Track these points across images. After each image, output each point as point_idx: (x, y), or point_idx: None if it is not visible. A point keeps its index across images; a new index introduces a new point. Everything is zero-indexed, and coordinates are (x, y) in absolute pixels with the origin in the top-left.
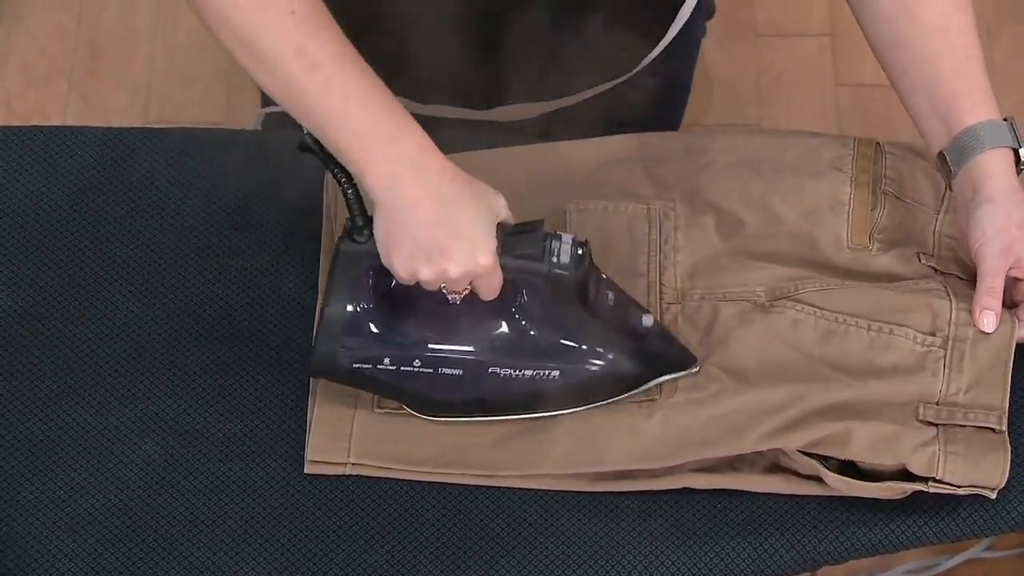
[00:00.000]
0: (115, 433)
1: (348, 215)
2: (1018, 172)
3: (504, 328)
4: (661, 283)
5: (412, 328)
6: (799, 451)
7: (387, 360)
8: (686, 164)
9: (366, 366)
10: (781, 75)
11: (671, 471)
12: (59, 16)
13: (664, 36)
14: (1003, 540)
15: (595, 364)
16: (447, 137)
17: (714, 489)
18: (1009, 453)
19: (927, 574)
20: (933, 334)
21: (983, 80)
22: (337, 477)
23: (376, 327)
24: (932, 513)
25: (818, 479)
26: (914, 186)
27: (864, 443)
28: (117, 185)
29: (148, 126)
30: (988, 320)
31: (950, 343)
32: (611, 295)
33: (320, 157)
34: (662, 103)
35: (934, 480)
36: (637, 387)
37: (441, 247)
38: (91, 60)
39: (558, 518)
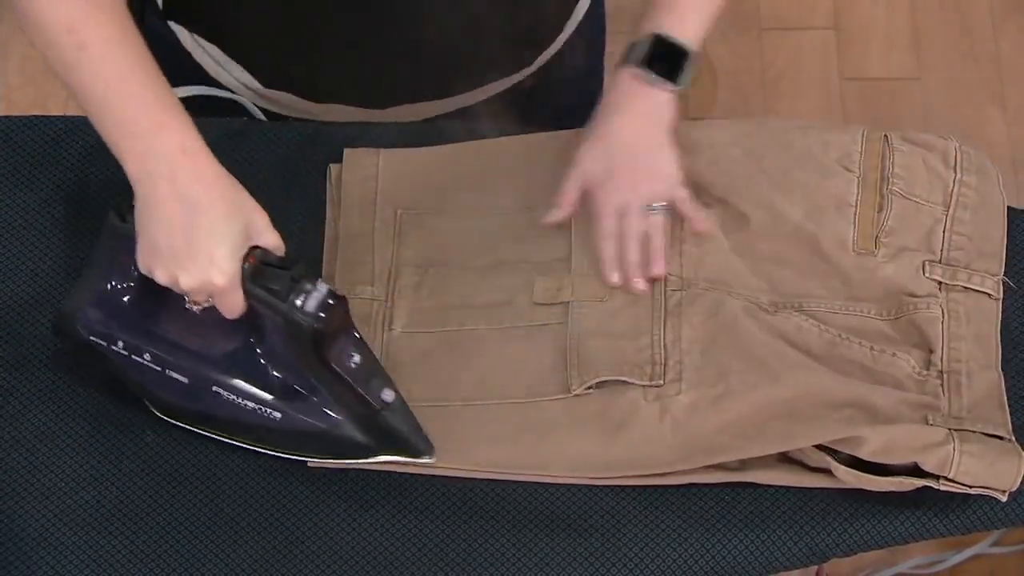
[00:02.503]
0: (116, 424)
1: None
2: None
3: (236, 351)
4: (667, 271)
5: (153, 321)
6: None
7: (120, 343)
8: (692, 157)
9: (100, 342)
10: (786, 69)
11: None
12: None
13: (563, 28)
14: (1010, 536)
15: (319, 421)
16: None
17: (722, 481)
18: (1023, 458)
19: (933, 569)
20: (927, 368)
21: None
22: (340, 470)
23: (119, 309)
24: (942, 506)
25: (827, 471)
26: (922, 183)
27: (877, 446)
28: (118, 175)
29: None
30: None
31: (944, 376)
32: (357, 357)
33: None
34: (573, 93)
35: (945, 479)
36: (361, 457)
37: (176, 255)
38: None
39: (564, 511)
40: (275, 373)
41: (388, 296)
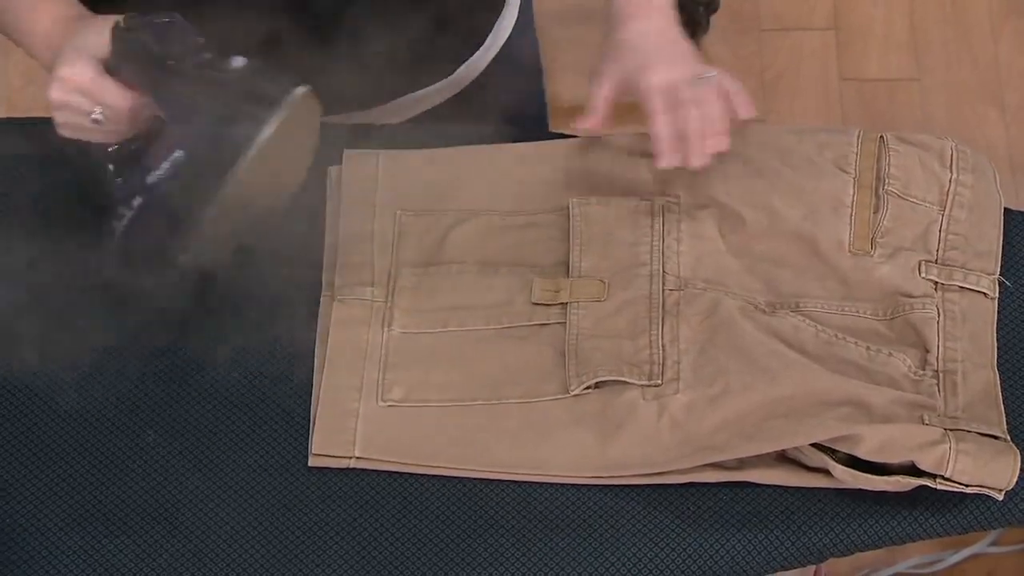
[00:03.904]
0: (117, 425)
1: None
2: None
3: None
4: (664, 271)
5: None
6: None
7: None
8: None
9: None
10: (785, 69)
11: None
12: None
13: (488, 35)
14: (1008, 535)
15: (203, 125)
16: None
17: (720, 480)
18: (1019, 458)
19: (932, 569)
20: (923, 368)
21: None
22: (341, 469)
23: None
24: (939, 505)
25: (825, 471)
26: (918, 183)
27: (874, 444)
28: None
29: None
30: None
31: (940, 376)
32: (205, 54)
33: None
34: (512, 95)
35: (942, 478)
36: (262, 131)
37: None
38: None
39: (564, 510)
40: (167, 121)
41: (388, 297)
